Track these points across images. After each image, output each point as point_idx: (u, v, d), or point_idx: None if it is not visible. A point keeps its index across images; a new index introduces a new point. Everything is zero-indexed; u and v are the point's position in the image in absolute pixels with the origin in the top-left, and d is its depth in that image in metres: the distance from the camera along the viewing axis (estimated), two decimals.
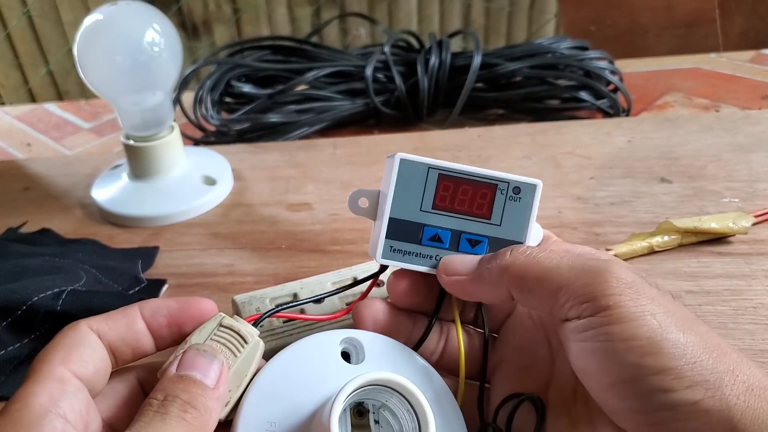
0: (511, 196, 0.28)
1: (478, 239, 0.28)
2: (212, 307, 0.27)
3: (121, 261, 0.43)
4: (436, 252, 0.28)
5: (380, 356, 0.27)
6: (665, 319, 0.22)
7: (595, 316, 0.22)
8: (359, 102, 0.62)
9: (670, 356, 0.21)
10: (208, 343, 0.25)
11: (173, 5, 1.48)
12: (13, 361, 0.35)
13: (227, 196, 0.51)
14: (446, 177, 0.28)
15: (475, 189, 0.28)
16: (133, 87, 0.46)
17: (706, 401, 0.20)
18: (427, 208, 0.28)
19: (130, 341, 0.25)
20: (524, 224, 0.28)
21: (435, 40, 0.63)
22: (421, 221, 0.28)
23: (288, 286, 0.36)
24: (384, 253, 0.28)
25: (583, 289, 0.23)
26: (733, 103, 0.64)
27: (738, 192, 0.46)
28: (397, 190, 0.28)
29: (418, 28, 1.51)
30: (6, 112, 0.74)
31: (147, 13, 0.46)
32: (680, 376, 0.20)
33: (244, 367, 0.25)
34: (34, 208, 0.51)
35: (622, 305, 0.22)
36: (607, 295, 0.22)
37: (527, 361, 0.28)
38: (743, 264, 0.39)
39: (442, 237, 0.28)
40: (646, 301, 0.22)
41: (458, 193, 0.28)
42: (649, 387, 0.21)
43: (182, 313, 0.26)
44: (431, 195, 0.28)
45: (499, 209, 0.28)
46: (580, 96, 0.61)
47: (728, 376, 0.21)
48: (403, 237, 0.28)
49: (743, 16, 0.95)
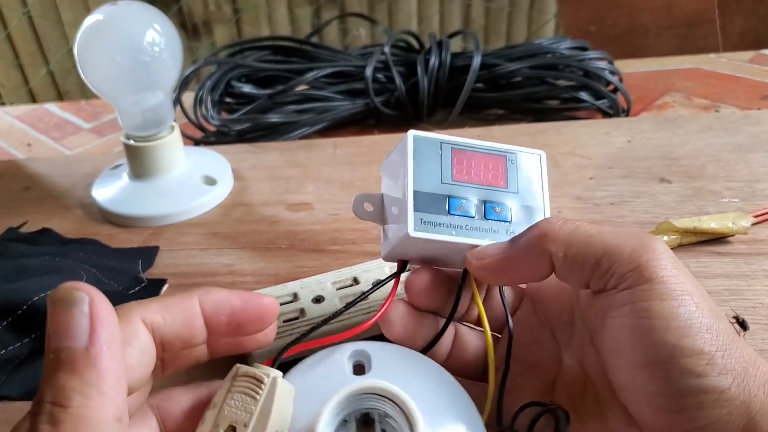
0: (521, 166, 0.29)
1: (501, 207, 0.28)
2: (274, 305, 0.26)
3: (121, 261, 0.43)
4: (465, 222, 0.27)
5: (390, 364, 0.27)
6: (702, 302, 0.21)
7: (637, 288, 0.22)
8: (359, 102, 0.62)
9: (706, 341, 0.21)
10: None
11: (173, 5, 1.48)
12: (13, 360, 0.35)
13: (227, 196, 0.51)
14: (459, 151, 0.28)
15: (488, 161, 0.29)
16: (133, 87, 0.46)
17: (733, 390, 0.20)
18: (447, 180, 0.28)
19: (185, 337, 0.24)
20: (540, 190, 0.29)
21: (435, 40, 0.63)
22: (445, 192, 0.28)
23: (288, 286, 0.36)
24: (416, 225, 0.27)
25: (630, 257, 0.22)
26: (733, 103, 0.64)
27: (737, 192, 0.46)
28: (416, 165, 0.28)
29: (418, 28, 1.51)
30: (6, 112, 0.74)
31: (147, 13, 0.46)
32: (713, 362, 0.20)
33: (266, 406, 0.24)
34: (34, 208, 0.51)
35: (665, 281, 0.22)
36: (652, 267, 0.22)
37: (534, 358, 0.28)
38: (743, 264, 0.39)
39: (467, 207, 0.28)
40: (686, 280, 0.22)
41: (473, 165, 0.28)
42: (681, 369, 0.21)
43: (244, 311, 0.25)
44: (449, 167, 0.28)
45: (513, 178, 0.29)
46: (580, 96, 0.61)
47: (752, 367, 0.21)
48: (430, 209, 0.27)
49: (743, 17, 0.95)
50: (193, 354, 0.26)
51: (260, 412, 0.23)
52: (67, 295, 0.19)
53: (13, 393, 0.33)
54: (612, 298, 0.23)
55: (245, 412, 0.23)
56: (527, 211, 0.28)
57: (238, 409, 0.24)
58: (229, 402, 0.24)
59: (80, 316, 0.19)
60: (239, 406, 0.24)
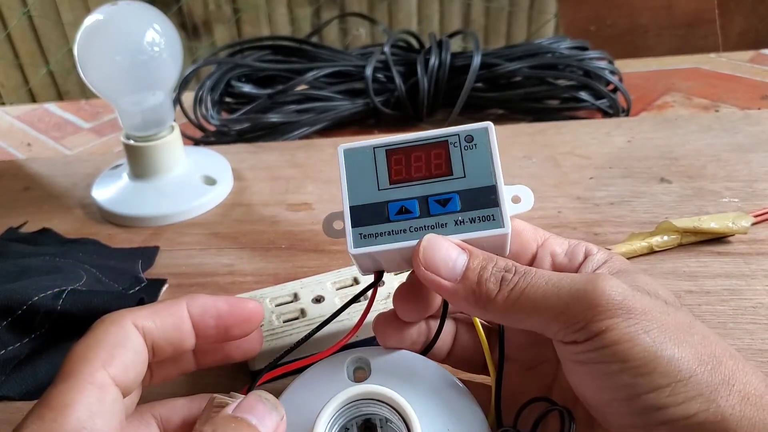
0: (466, 146, 0.27)
1: (447, 197, 0.26)
2: (259, 310, 0.26)
3: (121, 261, 0.43)
4: (409, 224, 0.26)
5: (389, 369, 0.27)
6: (659, 335, 0.21)
7: (591, 340, 0.22)
8: (359, 102, 0.62)
9: (664, 374, 0.21)
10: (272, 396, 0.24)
11: (173, 5, 1.48)
12: (13, 360, 0.35)
13: (227, 196, 0.51)
14: (394, 150, 0.27)
15: (428, 151, 0.27)
16: (133, 87, 0.46)
17: (701, 414, 0.20)
18: (384, 186, 0.27)
19: (174, 341, 0.24)
20: (489, 167, 0.27)
21: (435, 40, 0.63)
22: (383, 199, 0.27)
23: (288, 286, 0.36)
24: (355, 242, 0.26)
25: (575, 318, 0.22)
26: (733, 103, 0.64)
27: (737, 192, 0.46)
28: (350, 179, 0.27)
29: (418, 28, 1.51)
30: (6, 112, 0.74)
31: (147, 13, 0.46)
32: (674, 393, 0.21)
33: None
34: (34, 208, 0.51)
35: (614, 327, 0.22)
36: (598, 321, 0.22)
37: (532, 362, 0.28)
38: (742, 264, 0.39)
39: (409, 207, 0.26)
40: (638, 318, 0.22)
41: (412, 161, 0.27)
42: (644, 405, 0.21)
43: (231, 315, 0.26)
44: (385, 172, 0.27)
45: (458, 162, 0.27)
46: (580, 96, 0.61)
47: (723, 387, 0.21)
48: (369, 221, 0.26)
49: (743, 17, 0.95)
50: (180, 364, 0.27)
51: None
52: (275, 403, 0.23)
53: (13, 393, 0.33)
54: (570, 348, 0.23)
55: None
56: (478, 193, 0.26)
57: None
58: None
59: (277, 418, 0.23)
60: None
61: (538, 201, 0.29)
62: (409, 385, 0.25)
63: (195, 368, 0.28)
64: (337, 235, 0.28)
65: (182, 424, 0.26)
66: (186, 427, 0.26)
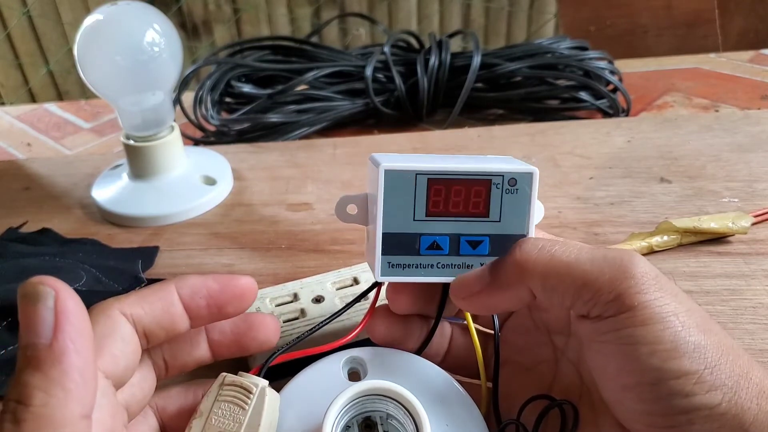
0: (508, 189, 0.26)
1: (478, 239, 0.26)
2: (252, 285, 0.26)
3: (121, 261, 0.43)
4: (437, 260, 0.27)
5: (385, 368, 0.27)
6: (687, 320, 0.21)
7: (620, 316, 0.22)
8: (359, 102, 0.62)
9: (692, 360, 0.21)
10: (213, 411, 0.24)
11: (173, 5, 1.48)
12: (13, 360, 0.35)
13: (227, 196, 0.51)
14: (436, 180, 0.26)
15: (469, 187, 0.26)
16: (133, 87, 0.46)
17: (724, 405, 0.20)
18: (420, 217, 0.26)
19: (165, 324, 0.24)
20: (525, 215, 0.27)
21: (435, 40, 0.63)
22: (417, 231, 0.26)
23: (288, 286, 0.36)
24: (383, 270, 0.26)
25: (609, 285, 0.22)
26: (733, 103, 0.64)
27: (737, 192, 0.46)
28: (387, 203, 0.26)
29: (418, 28, 1.51)
30: (6, 112, 0.74)
31: (147, 13, 0.46)
32: (701, 381, 0.20)
33: (255, 417, 0.24)
34: (34, 208, 0.51)
35: (647, 306, 0.21)
36: (633, 294, 0.22)
37: (530, 363, 0.28)
38: (742, 264, 0.39)
39: (440, 244, 0.26)
40: (669, 299, 0.22)
41: (451, 195, 0.26)
42: (669, 391, 0.21)
43: (222, 293, 0.25)
44: (423, 202, 0.26)
45: (496, 204, 0.26)
46: (580, 96, 0.61)
47: (743, 380, 0.21)
48: (399, 251, 0.26)
49: (742, 17, 0.95)
50: (195, 355, 0.27)
51: (249, 422, 0.23)
52: (33, 290, 0.19)
53: None
54: (596, 326, 0.23)
55: (233, 422, 0.23)
56: (508, 240, 0.26)
57: (225, 418, 0.24)
58: (216, 411, 0.24)
59: (45, 311, 0.19)
60: (227, 415, 0.24)
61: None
62: (406, 383, 0.25)
63: (211, 360, 0.27)
64: (350, 220, 0.28)
65: (178, 412, 0.25)
66: (183, 414, 0.25)
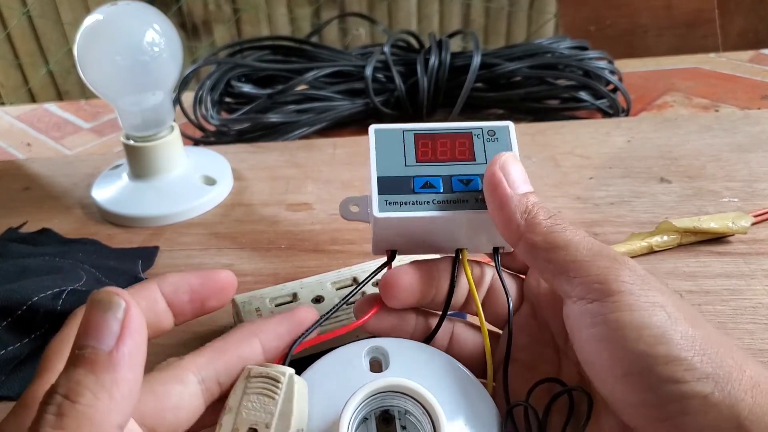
0: (488, 138, 0.29)
1: (469, 178, 0.28)
2: (231, 279, 0.27)
3: (121, 261, 0.43)
4: (432, 197, 0.28)
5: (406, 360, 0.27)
6: (674, 312, 0.22)
7: (605, 300, 0.22)
8: (359, 102, 0.62)
9: (681, 347, 0.21)
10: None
11: (173, 5, 1.48)
12: (13, 360, 0.35)
13: (227, 196, 0.51)
14: (422, 135, 0.29)
15: (453, 139, 0.29)
16: (133, 87, 0.46)
17: (716, 395, 0.20)
18: (411, 163, 0.29)
19: (150, 322, 0.24)
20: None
21: (434, 40, 0.63)
22: (409, 174, 0.28)
23: (288, 286, 0.36)
24: (380, 207, 0.28)
25: (597, 270, 0.23)
26: (733, 103, 0.64)
27: (737, 192, 0.46)
28: (379, 154, 0.29)
29: (418, 28, 1.51)
30: (6, 112, 0.74)
31: (147, 13, 0.46)
32: (691, 367, 0.20)
33: (287, 405, 0.24)
34: (34, 208, 0.51)
35: (633, 293, 0.22)
36: (619, 281, 0.22)
37: (533, 361, 0.28)
38: (742, 264, 0.39)
39: (433, 183, 0.28)
40: (656, 293, 0.22)
41: (438, 146, 0.29)
42: (660, 377, 0.21)
43: (204, 287, 0.26)
44: (412, 152, 0.29)
45: (480, 150, 0.29)
46: (580, 96, 0.61)
47: (736, 371, 0.20)
48: (395, 191, 0.28)
49: (742, 16, 0.95)
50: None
51: (281, 411, 0.24)
52: (107, 298, 0.20)
53: (13, 393, 0.33)
54: (583, 310, 0.23)
55: (265, 413, 0.23)
56: None
57: (256, 410, 0.24)
58: (246, 404, 0.24)
59: (113, 321, 0.19)
60: (257, 407, 0.24)
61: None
62: (426, 377, 0.25)
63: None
64: (353, 217, 0.30)
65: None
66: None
